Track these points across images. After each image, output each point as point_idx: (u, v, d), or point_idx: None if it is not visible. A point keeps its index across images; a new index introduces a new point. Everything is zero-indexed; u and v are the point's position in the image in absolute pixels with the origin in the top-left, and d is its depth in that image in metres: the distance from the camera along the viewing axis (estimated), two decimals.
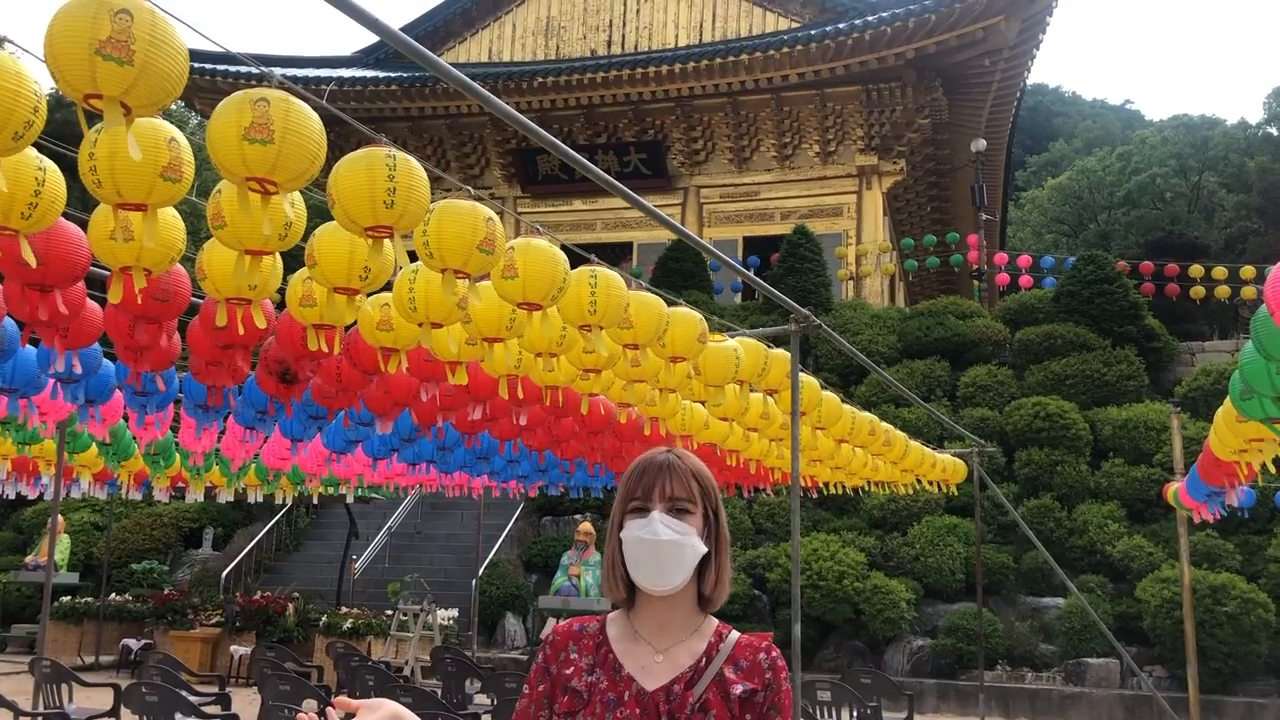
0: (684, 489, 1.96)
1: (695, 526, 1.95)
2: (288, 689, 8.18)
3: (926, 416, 15.99)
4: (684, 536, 1.92)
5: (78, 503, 19.34)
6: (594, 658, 1.97)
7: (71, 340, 4.83)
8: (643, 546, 1.90)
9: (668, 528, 1.91)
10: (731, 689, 1.90)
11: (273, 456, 9.92)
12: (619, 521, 1.98)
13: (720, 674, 1.91)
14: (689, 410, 7.32)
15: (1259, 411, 4.98)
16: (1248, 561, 14.48)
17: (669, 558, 1.90)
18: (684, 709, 1.87)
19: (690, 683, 1.90)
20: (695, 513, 1.96)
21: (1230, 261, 26.90)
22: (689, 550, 1.92)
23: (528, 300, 4.27)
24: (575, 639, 2.01)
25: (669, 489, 1.95)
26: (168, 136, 3.24)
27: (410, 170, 3.45)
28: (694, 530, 1.94)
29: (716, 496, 2.01)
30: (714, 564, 1.97)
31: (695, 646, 1.94)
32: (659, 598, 1.95)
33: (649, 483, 1.96)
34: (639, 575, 1.92)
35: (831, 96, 24.50)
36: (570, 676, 1.95)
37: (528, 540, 18.30)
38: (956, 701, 13.78)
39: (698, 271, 21.85)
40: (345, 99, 25.00)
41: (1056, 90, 70.37)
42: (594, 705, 1.91)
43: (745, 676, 1.92)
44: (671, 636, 1.96)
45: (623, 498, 1.99)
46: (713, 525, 1.98)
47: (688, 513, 1.95)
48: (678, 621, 1.96)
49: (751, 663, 1.94)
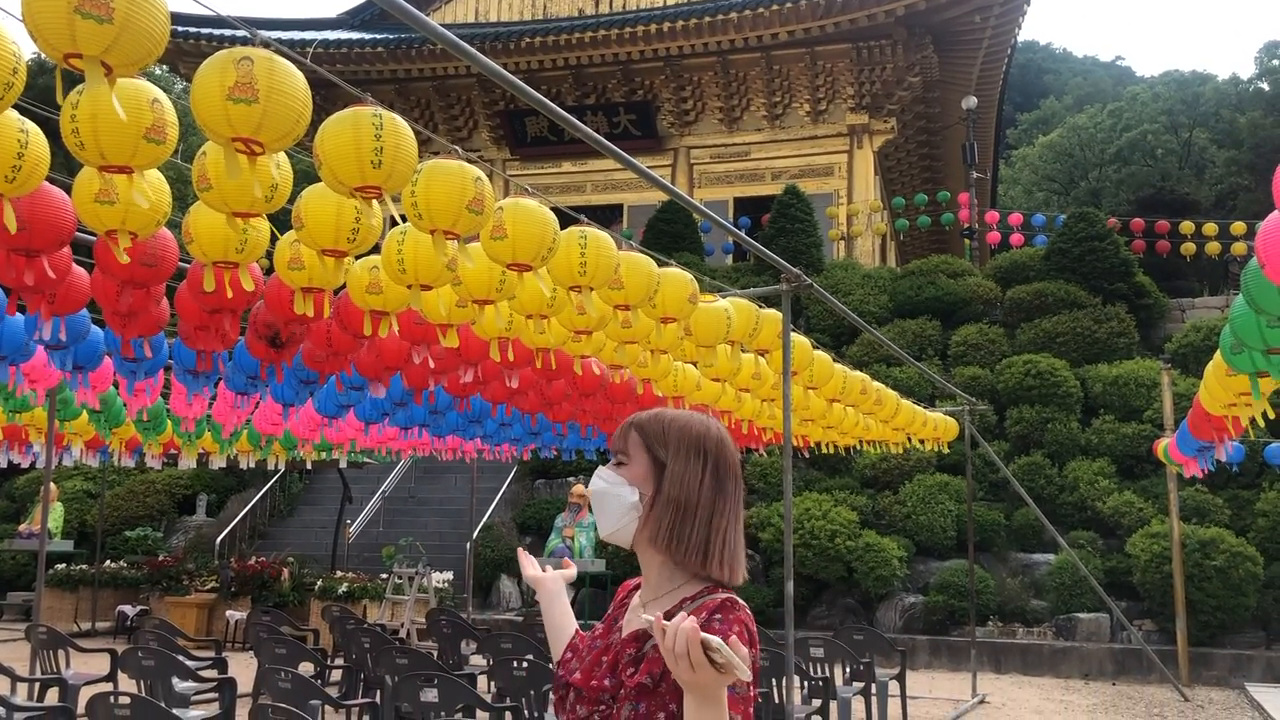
0: (619, 441, 1.96)
1: (631, 476, 1.91)
2: (284, 653, 8.23)
3: (918, 375, 16.03)
4: (611, 485, 1.92)
5: (70, 470, 19.33)
6: (615, 608, 2.06)
7: (59, 306, 4.80)
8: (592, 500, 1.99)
9: (599, 478, 1.95)
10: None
11: (264, 422, 9.91)
12: None
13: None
14: (681, 371, 7.32)
15: (1249, 365, 5.00)
16: (1236, 516, 14.60)
17: (599, 507, 1.95)
18: (621, 659, 1.87)
19: (641, 637, 1.87)
20: (630, 463, 1.93)
21: (1221, 218, 26.89)
22: (612, 498, 1.91)
23: (517, 261, 4.25)
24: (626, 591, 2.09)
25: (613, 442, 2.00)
26: (151, 97, 3.20)
27: (397, 129, 3.41)
28: (625, 480, 1.91)
29: (671, 447, 1.91)
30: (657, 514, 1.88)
31: (667, 605, 1.88)
32: (642, 554, 1.97)
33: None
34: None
35: (821, 55, 24.32)
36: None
37: (521, 503, 18.36)
38: (948, 657, 13.92)
39: (688, 233, 21.78)
40: (331, 62, 24.75)
41: (1047, 47, 70.03)
42: (573, 646, 2.04)
43: None
44: (651, 592, 1.95)
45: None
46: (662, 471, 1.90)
47: (621, 464, 1.95)
48: (654, 579, 1.95)
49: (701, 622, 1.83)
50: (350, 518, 17.50)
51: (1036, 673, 13.58)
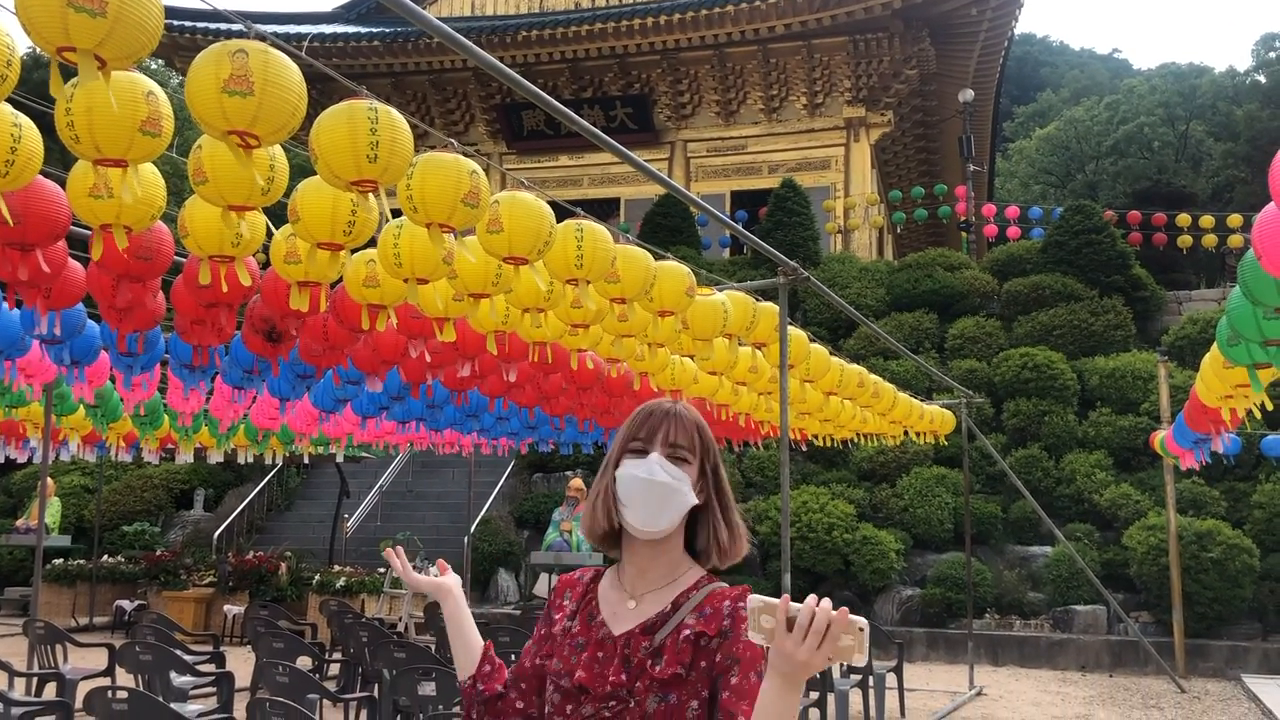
0: (686, 437, 1.97)
1: (690, 477, 1.95)
2: (281, 647, 8.22)
3: (915, 368, 16.04)
4: (678, 482, 1.92)
5: (67, 465, 19.32)
6: (578, 604, 2.02)
7: (54, 301, 4.79)
8: (637, 485, 1.91)
9: (664, 470, 1.92)
10: (682, 631, 1.89)
11: (261, 416, 9.90)
12: (616, 460, 1.99)
13: (681, 622, 1.91)
14: (678, 365, 7.32)
15: (1245, 357, 5.00)
16: (1233, 508, 14.63)
17: (659, 500, 1.91)
18: (638, 653, 1.89)
19: (651, 629, 1.91)
20: (692, 464, 1.97)
21: (1217, 210, 26.91)
22: (679, 496, 1.92)
23: (514, 255, 4.24)
24: (571, 586, 2.06)
25: (671, 435, 1.96)
26: (145, 90, 3.19)
27: (393, 123, 3.40)
28: (689, 480, 1.94)
29: (716, 455, 2.01)
30: (712, 519, 1.98)
31: (667, 595, 1.95)
32: (643, 543, 1.96)
33: (653, 426, 1.97)
34: (629, 514, 1.93)
35: (818, 48, 24.29)
36: (557, 620, 2.02)
37: (519, 497, 18.37)
38: (945, 649, 13.95)
39: (685, 227, 21.76)
40: (327, 56, 24.68)
41: (1044, 40, 69.99)
42: (561, 648, 1.96)
43: (705, 623, 1.89)
44: (647, 584, 1.97)
45: (624, 438, 2.00)
46: (710, 481, 1.99)
47: (685, 461, 1.96)
48: (657, 570, 1.97)
49: (715, 609, 1.91)
50: (348, 512, 17.50)
51: (1033, 665, 13.60)
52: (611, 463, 2.00)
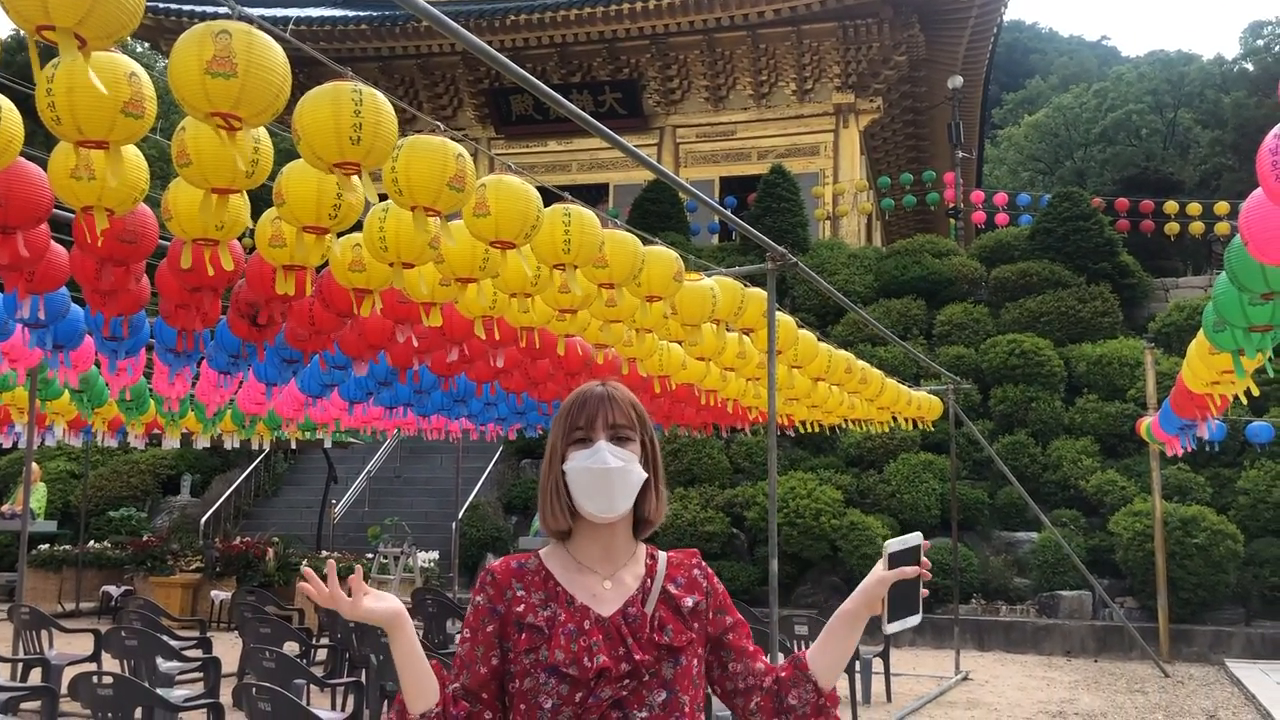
0: (625, 417, 2.00)
1: (636, 454, 2.00)
2: (269, 632, 8.22)
3: (903, 355, 16.06)
4: (628, 464, 1.96)
5: (53, 451, 19.23)
6: (544, 592, 1.97)
7: (37, 284, 4.75)
8: (591, 476, 1.94)
9: (615, 456, 1.95)
10: (681, 603, 2.00)
11: (248, 401, 9.86)
12: (561, 454, 1.99)
13: (665, 591, 2.00)
14: (666, 350, 7.31)
15: (1231, 343, 5.02)
16: (1218, 494, 14.71)
17: (617, 485, 1.94)
18: (644, 628, 1.94)
19: (642, 602, 1.97)
20: (635, 440, 2.01)
21: (1204, 198, 26.96)
22: (633, 476, 1.97)
23: (500, 239, 4.22)
24: (518, 576, 2.00)
25: (611, 417, 1.99)
26: (128, 71, 3.16)
27: (377, 105, 3.38)
28: (635, 457, 1.99)
29: (649, 424, 2.07)
30: (652, 488, 2.04)
31: (636, 570, 2.03)
32: (602, 526, 1.99)
33: (591, 413, 1.99)
34: (589, 504, 1.95)
35: (808, 33, 24.23)
36: (524, 614, 1.95)
37: (507, 483, 18.36)
38: (932, 635, 14.01)
39: (674, 213, 21.73)
40: (313, 39, 24.53)
41: (1033, 27, 70.02)
42: (557, 638, 1.91)
43: (688, 591, 2.02)
44: (615, 563, 2.01)
45: (565, 430, 2.00)
46: (650, 452, 2.04)
47: (629, 440, 2.00)
48: (619, 547, 2.02)
49: (688, 579, 2.05)
50: (335, 497, 17.47)
51: (1019, 650, 13.68)
52: (557, 456, 2.00)
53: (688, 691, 1.94)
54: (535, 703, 1.89)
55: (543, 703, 1.88)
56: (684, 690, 1.94)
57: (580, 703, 1.87)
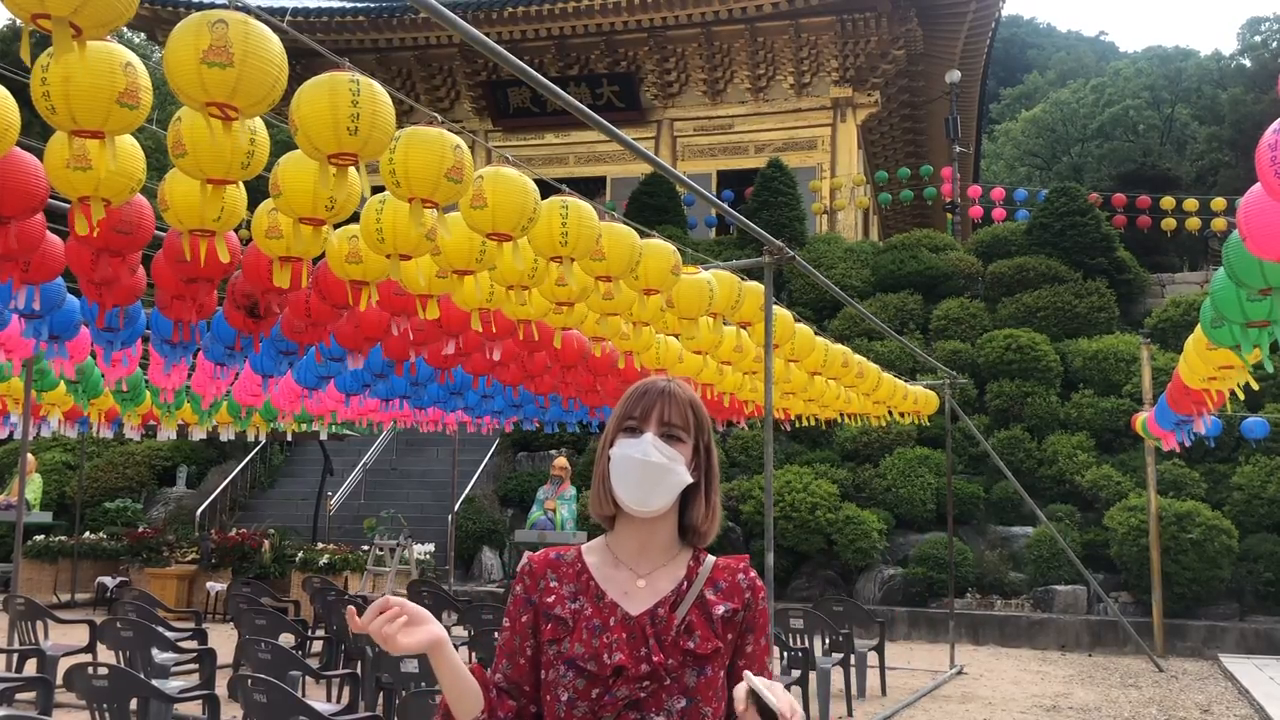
0: (680, 417, 1.97)
1: (685, 456, 1.95)
2: (264, 624, 8.21)
3: (899, 349, 16.07)
4: (671, 462, 1.92)
5: (49, 442, 19.20)
6: (575, 585, 1.96)
7: (33, 275, 4.74)
8: (629, 464, 1.91)
9: (658, 450, 1.91)
10: (713, 610, 1.93)
11: (244, 393, 9.84)
12: (611, 439, 1.98)
13: (701, 596, 1.94)
14: (663, 344, 7.30)
15: (1229, 339, 5.02)
16: (1213, 489, 14.74)
17: (653, 479, 1.90)
18: (669, 631, 1.89)
19: (673, 605, 1.92)
20: (686, 443, 1.97)
21: (1201, 193, 26.99)
22: (673, 476, 1.92)
23: (497, 231, 4.21)
24: (554, 567, 2.00)
25: (666, 414, 1.96)
26: (124, 61, 3.14)
27: (374, 96, 3.36)
28: (683, 459, 1.95)
29: (709, 433, 2.02)
30: (703, 497, 1.99)
31: (675, 571, 1.97)
32: (640, 521, 1.96)
33: (647, 405, 1.96)
34: (623, 493, 1.92)
35: (806, 27, 24.20)
36: (553, 605, 1.94)
37: (503, 475, 18.37)
38: (927, 628, 14.03)
39: (671, 206, 21.71)
40: (310, 30, 24.45)
41: (1031, 22, 69.98)
42: (579, 632, 1.90)
43: (725, 597, 1.95)
44: (651, 561, 1.97)
45: (619, 417, 1.98)
46: (703, 459, 2.00)
47: (679, 440, 1.96)
48: (657, 546, 1.98)
49: (730, 584, 1.98)
50: (331, 489, 17.47)
51: (1014, 644, 13.70)
52: (607, 442, 1.98)
53: (711, 703, 1.88)
54: (555, 695, 1.88)
55: (560, 695, 1.88)
56: (707, 701, 1.88)
57: (596, 699, 1.85)
